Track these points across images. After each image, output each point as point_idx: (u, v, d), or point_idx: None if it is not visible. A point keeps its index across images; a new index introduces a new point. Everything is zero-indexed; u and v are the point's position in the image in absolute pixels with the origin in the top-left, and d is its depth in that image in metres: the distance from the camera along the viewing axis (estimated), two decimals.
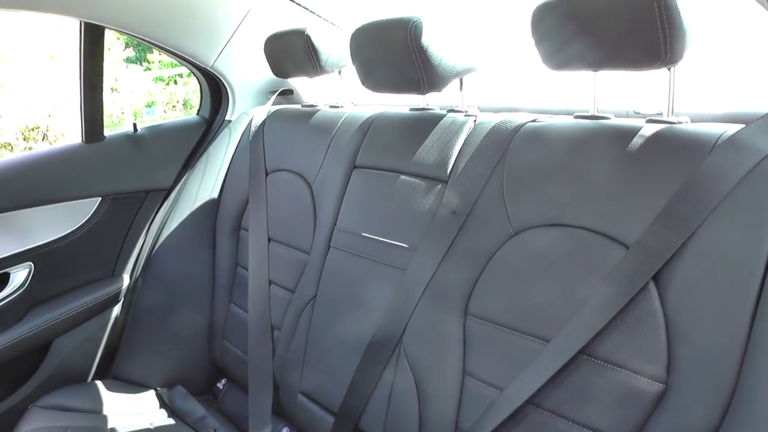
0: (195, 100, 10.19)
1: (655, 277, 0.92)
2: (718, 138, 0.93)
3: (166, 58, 8.70)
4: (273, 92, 2.04)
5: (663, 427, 0.88)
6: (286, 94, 2.08)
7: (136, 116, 8.53)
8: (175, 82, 10.26)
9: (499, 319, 1.11)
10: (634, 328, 0.93)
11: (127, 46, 8.87)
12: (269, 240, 1.70)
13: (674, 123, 1.02)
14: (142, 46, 8.44)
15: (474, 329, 1.14)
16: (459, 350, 1.15)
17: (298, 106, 1.87)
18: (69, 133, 7.14)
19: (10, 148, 6.70)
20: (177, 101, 10.16)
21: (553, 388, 1.00)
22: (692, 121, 1.03)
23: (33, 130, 7.00)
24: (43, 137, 6.99)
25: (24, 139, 6.87)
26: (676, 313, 0.89)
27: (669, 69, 1.02)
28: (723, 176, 0.89)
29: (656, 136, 0.99)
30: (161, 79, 10.00)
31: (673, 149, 0.96)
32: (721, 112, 1.11)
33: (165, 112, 9.71)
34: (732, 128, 0.94)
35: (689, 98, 1.15)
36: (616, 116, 1.14)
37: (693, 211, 0.90)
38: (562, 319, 1.00)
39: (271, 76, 1.93)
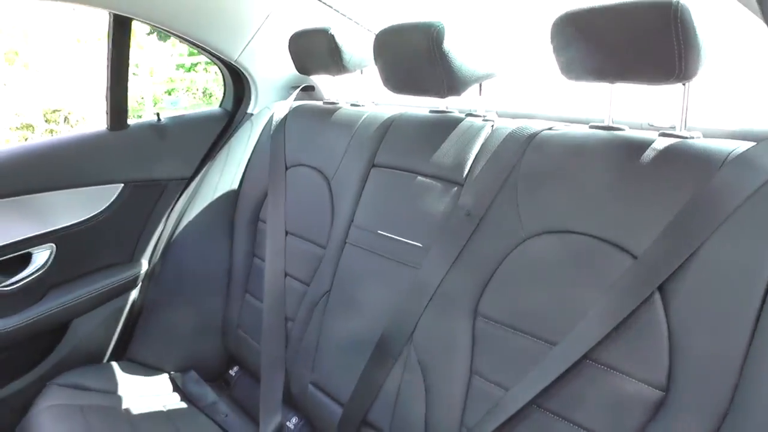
0: (214, 88, 10.26)
1: (660, 288, 0.94)
2: (729, 155, 0.95)
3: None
4: (295, 88, 2.08)
5: None
6: (308, 90, 2.12)
7: (155, 102, 8.59)
8: (196, 70, 10.33)
9: (507, 321, 1.14)
10: (638, 336, 0.96)
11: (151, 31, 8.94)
12: (286, 233, 1.74)
13: (686, 138, 1.04)
14: None
15: (483, 330, 1.18)
16: (467, 349, 1.19)
17: (320, 103, 1.90)
18: (90, 116, 7.23)
19: (32, 129, 6.80)
20: (197, 89, 10.21)
21: (557, 390, 1.03)
22: (704, 137, 1.05)
23: (54, 112, 7.10)
24: (65, 119, 7.08)
25: (46, 121, 6.96)
26: (679, 323, 0.92)
27: (684, 84, 1.04)
28: (731, 192, 0.91)
29: (668, 150, 1.02)
30: (182, 66, 10.06)
31: (683, 163, 0.98)
32: (733, 128, 1.13)
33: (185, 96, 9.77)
34: (743, 145, 0.96)
35: (703, 113, 1.17)
36: (630, 128, 1.16)
37: (700, 224, 0.92)
38: (568, 324, 1.03)
39: (294, 71, 1.97)
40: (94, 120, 7.24)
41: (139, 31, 8.60)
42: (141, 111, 8.27)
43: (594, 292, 1.01)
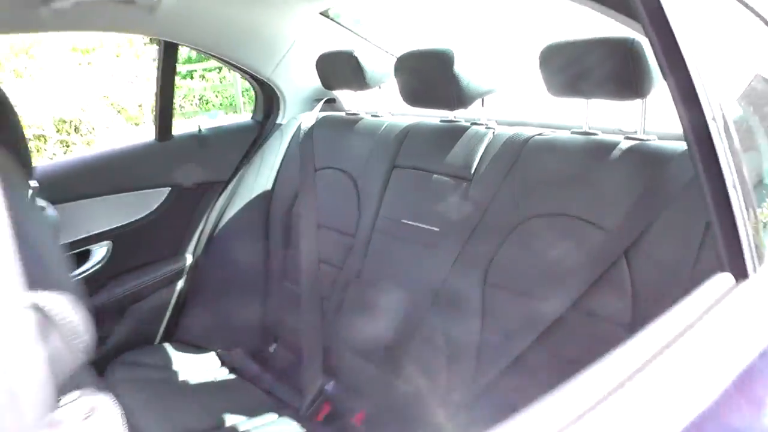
0: (210, 96, 10.47)
1: (625, 253, 1.25)
2: (676, 152, 1.26)
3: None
4: (318, 100, 2.37)
5: None
6: (330, 102, 2.41)
7: (153, 111, 8.73)
8: (192, 77, 10.51)
9: (510, 285, 1.44)
10: (609, 290, 1.26)
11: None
12: (318, 226, 2.03)
13: (644, 140, 1.35)
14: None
15: (491, 294, 1.48)
16: (479, 310, 1.49)
17: (343, 114, 2.20)
18: (100, 127, 7.44)
19: (44, 140, 7.01)
20: (194, 96, 10.40)
21: (551, 333, 1.34)
22: (659, 138, 1.36)
23: (64, 122, 7.31)
24: (75, 129, 7.30)
25: (57, 131, 7.17)
26: (639, 279, 1.23)
27: (642, 99, 1.35)
28: (677, 181, 1.22)
29: (630, 149, 1.33)
30: (179, 74, 10.23)
31: (642, 160, 1.29)
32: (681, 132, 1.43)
33: (182, 107, 9.93)
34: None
35: (661, 119, 1.47)
36: (603, 132, 1.47)
37: (654, 205, 1.23)
38: (558, 283, 1.33)
39: (317, 85, 2.27)
40: (104, 128, 7.46)
41: (137, 40, 8.80)
42: (140, 119, 8.43)
43: (576, 259, 1.32)
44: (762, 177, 1.07)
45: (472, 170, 1.61)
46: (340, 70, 2.04)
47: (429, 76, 1.64)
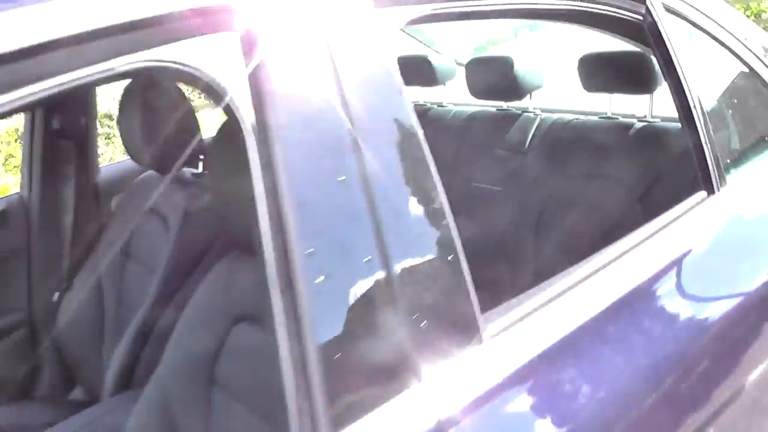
0: None
1: (639, 200, 1.84)
2: (673, 129, 1.84)
3: None
4: None
5: None
6: None
7: None
8: None
9: (558, 227, 2.03)
10: (628, 226, 1.85)
11: None
12: None
13: (652, 122, 1.94)
14: None
15: (543, 236, 2.06)
16: (532, 252, 2.06)
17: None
18: None
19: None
20: None
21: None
22: (662, 120, 1.95)
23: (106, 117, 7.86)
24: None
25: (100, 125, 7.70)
26: (647, 216, 1.82)
27: (650, 94, 1.93)
28: (674, 149, 1.80)
29: (642, 128, 1.92)
30: None
31: (651, 135, 1.89)
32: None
33: None
34: None
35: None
36: (622, 117, 2.06)
37: (658, 165, 1.82)
38: (594, 224, 1.91)
39: None
40: None
41: None
42: None
43: (605, 206, 1.90)
44: (729, 142, 1.65)
45: (526, 145, 2.20)
46: (414, 69, 2.62)
47: (494, 76, 2.23)
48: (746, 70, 1.53)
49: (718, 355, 1.17)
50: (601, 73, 1.94)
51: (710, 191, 1.32)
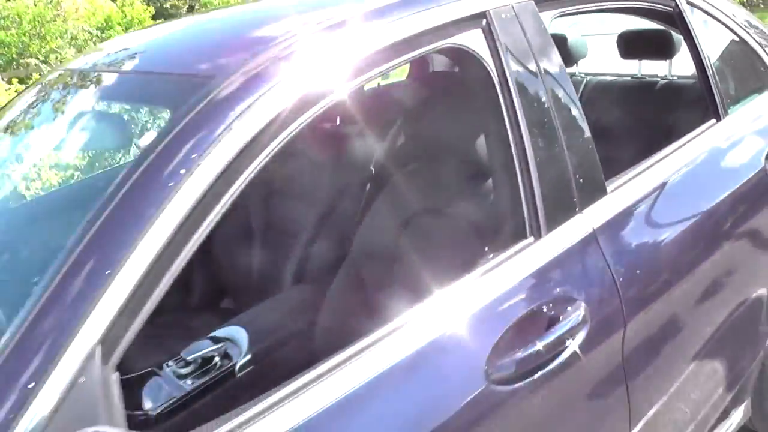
0: None
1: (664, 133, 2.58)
2: (690, 84, 2.57)
3: None
4: None
5: None
6: None
7: None
8: None
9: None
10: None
11: None
12: None
13: (672, 79, 2.68)
14: None
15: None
16: None
17: None
18: None
19: None
20: None
21: None
22: (678, 78, 2.68)
23: None
24: None
25: None
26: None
27: (670, 60, 2.67)
28: (690, 97, 2.52)
29: (665, 84, 2.66)
30: None
31: (672, 90, 2.62)
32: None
33: None
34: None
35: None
36: (649, 77, 2.80)
37: (677, 110, 2.55)
38: (624, 151, 2.65)
39: None
40: None
41: None
42: None
43: (636, 143, 2.62)
44: (728, 89, 2.36)
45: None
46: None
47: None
48: (737, 40, 2.25)
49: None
50: (635, 44, 2.67)
51: (718, 119, 2.03)
